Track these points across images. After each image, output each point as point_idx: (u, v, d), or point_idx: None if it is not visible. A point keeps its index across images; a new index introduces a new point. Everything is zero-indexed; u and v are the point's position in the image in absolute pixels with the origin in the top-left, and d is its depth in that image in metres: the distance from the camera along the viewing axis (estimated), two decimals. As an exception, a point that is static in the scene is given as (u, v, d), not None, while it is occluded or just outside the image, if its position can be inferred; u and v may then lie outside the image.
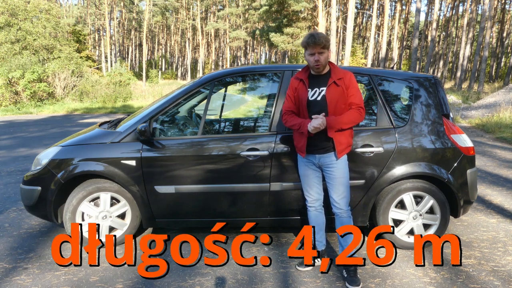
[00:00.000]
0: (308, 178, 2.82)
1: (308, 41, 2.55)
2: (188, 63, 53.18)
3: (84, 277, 2.80)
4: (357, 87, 2.64)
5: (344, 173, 2.70)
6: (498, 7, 38.52)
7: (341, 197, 2.71)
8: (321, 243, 2.96)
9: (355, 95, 2.61)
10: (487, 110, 13.15)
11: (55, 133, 9.70)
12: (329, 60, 2.66)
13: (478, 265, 2.99)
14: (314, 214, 2.89)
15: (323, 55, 2.57)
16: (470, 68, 42.33)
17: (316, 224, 2.91)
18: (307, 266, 2.91)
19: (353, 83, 2.63)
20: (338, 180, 2.69)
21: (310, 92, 2.67)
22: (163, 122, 3.40)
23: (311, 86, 2.68)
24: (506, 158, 7.00)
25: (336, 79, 2.60)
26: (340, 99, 2.60)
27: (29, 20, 23.02)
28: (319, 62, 2.57)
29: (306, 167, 2.80)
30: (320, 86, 2.65)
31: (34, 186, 3.16)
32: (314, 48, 2.55)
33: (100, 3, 51.00)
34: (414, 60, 27.15)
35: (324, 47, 2.56)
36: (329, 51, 2.63)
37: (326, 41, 2.55)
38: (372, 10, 39.71)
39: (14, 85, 16.68)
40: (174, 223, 3.29)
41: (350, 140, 2.71)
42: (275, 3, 30.68)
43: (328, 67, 2.69)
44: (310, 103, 2.66)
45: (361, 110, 2.61)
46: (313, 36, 2.54)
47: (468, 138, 3.25)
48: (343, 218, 2.75)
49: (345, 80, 2.61)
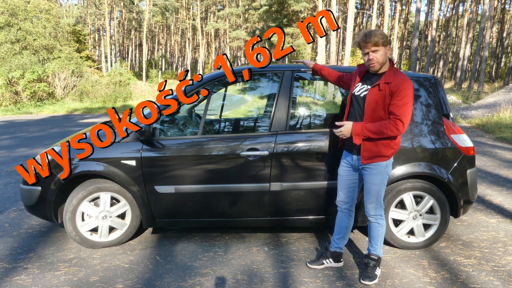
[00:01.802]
0: (341, 178, 2.80)
1: (360, 41, 2.46)
2: (188, 63, 53.19)
3: (84, 277, 2.80)
4: (406, 98, 2.40)
5: (376, 180, 2.61)
6: (498, 7, 38.51)
7: (369, 201, 2.70)
8: (336, 245, 2.93)
9: (397, 104, 2.39)
10: (487, 110, 13.15)
11: (55, 133, 9.70)
12: (388, 58, 2.50)
13: (478, 265, 2.99)
14: (340, 215, 2.89)
15: (378, 53, 2.43)
16: (470, 68, 42.32)
17: (338, 225, 2.90)
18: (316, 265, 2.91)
19: (401, 91, 2.39)
20: (368, 185, 2.66)
21: (359, 87, 2.63)
22: (163, 122, 3.40)
23: (364, 81, 2.63)
24: (506, 158, 7.00)
25: (382, 83, 2.45)
26: (379, 103, 2.45)
27: (29, 20, 23.01)
28: (372, 60, 2.45)
29: (344, 167, 2.79)
30: (369, 85, 2.57)
31: (34, 186, 3.16)
32: (366, 47, 2.45)
33: (100, 3, 50.96)
34: (414, 60, 27.13)
35: (376, 44, 2.40)
36: (388, 48, 2.47)
37: (379, 38, 2.39)
38: (372, 10, 39.72)
39: (14, 85, 16.67)
40: (174, 223, 3.29)
41: (384, 150, 2.53)
42: (275, 3, 30.69)
43: (387, 67, 2.52)
44: (354, 96, 2.63)
45: (398, 122, 2.39)
46: (365, 35, 2.43)
47: (468, 138, 3.25)
48: (370, 222, 2.76)
49: (391, 86, 2.41)
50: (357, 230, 3.66)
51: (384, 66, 2.52)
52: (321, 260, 2.92)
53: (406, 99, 2.41)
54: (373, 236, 2.77)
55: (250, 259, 3.09)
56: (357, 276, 2.82)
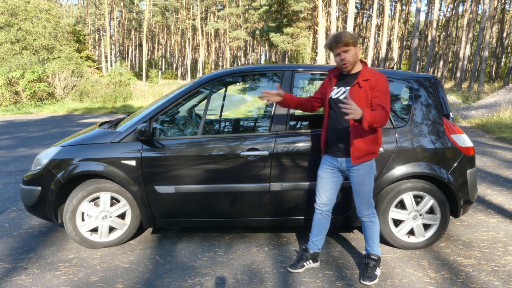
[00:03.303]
0: (323, 180, 2.79)
1: (330, 42, 2.53)
2: (188, 63, 53.18)
3: (84, 277, 2.80)
4: (385, 90, 2.51)
5: (365, 180, 2.63)
6: (498, 7, 38.51)
7: (361, 202, 2.70)
8: (315, 246, 2.93)
9: (380, 97, 2.49)
10: (487, 110, 13.15)
11: (55, 133, 9.70)
12: (358, 57, 2.58)
13: (478, 265, 2.99)
14: (318, 217, 2.87)
15: (349, 53, 2.51)
16: (470, 68, 42.33)
17: (317, 227, 2.89)
18: (296, 268, 2.89)
19: (380, 85, 2.50)
20: (358, 186, 2.67)
21: (335, 90, 2.65)
22: (163, 122, 3.40)
23: (339, 85, 2.66)
24: (506, 158, 7.00)
25: (361, 80, 2.52)
26: (362, 100, 2.50)
27: (29, 20, 23.01)
28: (344, 61, 2.52)
29: (324, 169, 2.78)
30: (346, 85, 2.61)
31: (34, 186, 3.16)
32: (337, 48, 2.51)
33: (100, 3, 50.97)
34: (414, 60, 27.13)
35: (347, 45, 2.48)
36: (357, 47, 2.54)
37: (349, 38, 2.47)
38: (372, 10, 39.71)
39: (14, 85, 16.67)
40: (174, 223, 3.29)
41: (372, 147, 2.59)
42: (275, 3, 30.71)
43: (359, 67, 2.61)
44: (333, 101, 2.64)
45: (385, 111, 2.45)
46: (335, 36, 2.50)
47: (468, 138, 3.25)
48: (364, 222, 2.76)
49: (371, 81, 2.51)
50: (357, 230, 3.66)
51: (357, 66, 2.60)
52: (301, 263, 2.90)
53: (385, 92, 2.52)
54: (369, 236, 2.78)
55: (250, 259, 3.09)
56: (357, 276, 2.82)
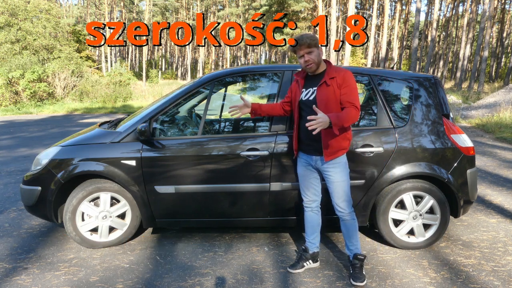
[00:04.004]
0: (305, 178, 2.81)
1: (293, 45, 2.58)
2: (188, 63, 53.15)
3: (84, 277, 2.80)
4: (352, 86, 2.53)
5: (342, 177, 2.66)
6: (498, 7, 38.50)
7: (341, 200, 2.70)
8: (313, 245, 2.93)
9: (348, 94, 2.51)
10: (487, 110, 13.15)
11: (55, 133, 9.70)
12: (322, 58, 2.64)
13: (478, 265, 2.99)
14: (309, 215, 2.89)
15: (312, 54, 2.56)
16: (470, 68, 42.32)
17: (310, 225, 2.90)
18: (296, 268, 2.88)
19: (347, 81, 2.52)
20: (336, 184, 2.67)
21: (304, 92, 2.69)
22: (163, 122, 3.40)
23: (307, 86, 2.69)
24: (506, 158, 7.00)
25: (327, 79, 2.55)
26: (330, 99, 2.52)
27: (29, 20, 23.01)
28: (309, 62, 2.57)
29: (303, 167, 2.80)
30: (313, 86, 2.64)
31: (34, 186, 3.16)
32: (300, 50, 2.56)
33: (100, 3, 50.95)
34: (414, 60, 27.13)
35: (309, 46, 2.53)
36: (319, 48, 2.60)
37: (310, 40, 2.52)
38: (372, 10, 39.70)
39: (14, 85, 16.67)
40: (174, 223, 3.29)
41: (343, 143, 2.62)
42: (275, 3, 30.71)
43: (324, 66, 2.66)
44: (303, 103, 2.67)
45: (355, 108, 2.48)
46: (296, 39, 2.56)
47: (468, 138, 3.25)
48: (346, 221, 2.75)
49: (337, 79, 2.52)
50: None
51: (321, 65, 2.64)
52: (301, 263, 2.90)
53: (352, 87, 2.53)
54: (352, 234, 2.77)
55: (250, 259, 3.09)
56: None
